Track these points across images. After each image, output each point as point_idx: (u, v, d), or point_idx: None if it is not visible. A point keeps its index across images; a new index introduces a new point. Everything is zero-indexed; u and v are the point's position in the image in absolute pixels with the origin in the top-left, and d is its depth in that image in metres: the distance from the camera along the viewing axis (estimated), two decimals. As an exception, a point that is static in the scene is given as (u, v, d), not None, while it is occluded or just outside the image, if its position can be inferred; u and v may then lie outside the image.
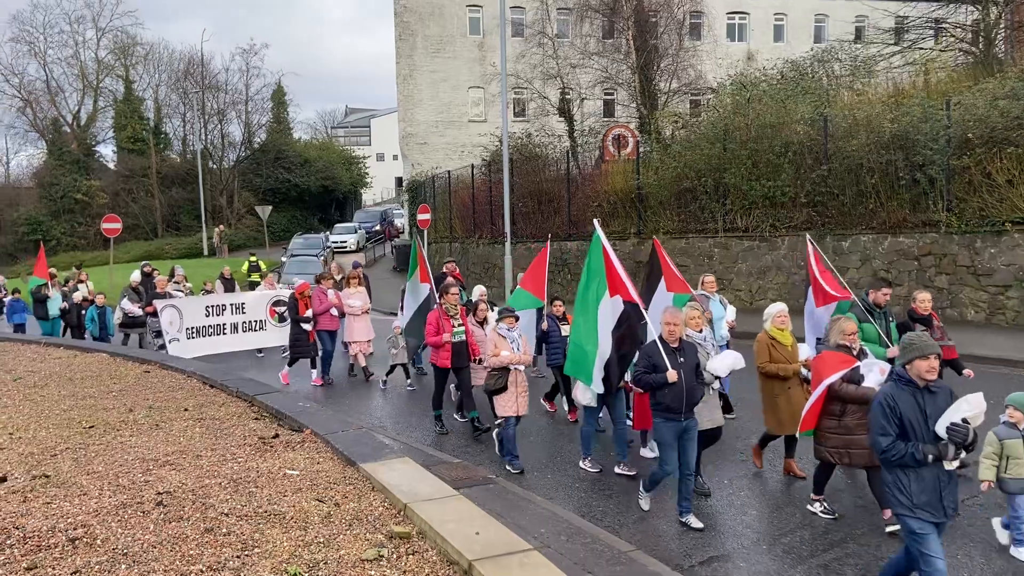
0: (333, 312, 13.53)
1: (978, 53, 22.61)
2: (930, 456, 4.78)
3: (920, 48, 24.11)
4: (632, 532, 6.81)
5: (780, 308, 8.04)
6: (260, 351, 16.25)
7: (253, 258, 28.40)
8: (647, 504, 7.20)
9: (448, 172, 31.68)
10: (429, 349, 10.59)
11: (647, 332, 7.59)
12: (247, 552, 5.03)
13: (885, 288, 8.76)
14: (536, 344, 10.95)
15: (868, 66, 23.69)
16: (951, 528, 5.96)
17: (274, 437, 7.93)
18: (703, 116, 23.89)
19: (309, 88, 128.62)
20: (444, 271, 13.99)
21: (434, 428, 10.28)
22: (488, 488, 7.54)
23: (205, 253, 46.68)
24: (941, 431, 4.76)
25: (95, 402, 9.74)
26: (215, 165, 55.93)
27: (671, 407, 6.78)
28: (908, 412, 4.87)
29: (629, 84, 30.42)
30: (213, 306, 15.14)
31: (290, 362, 13.57)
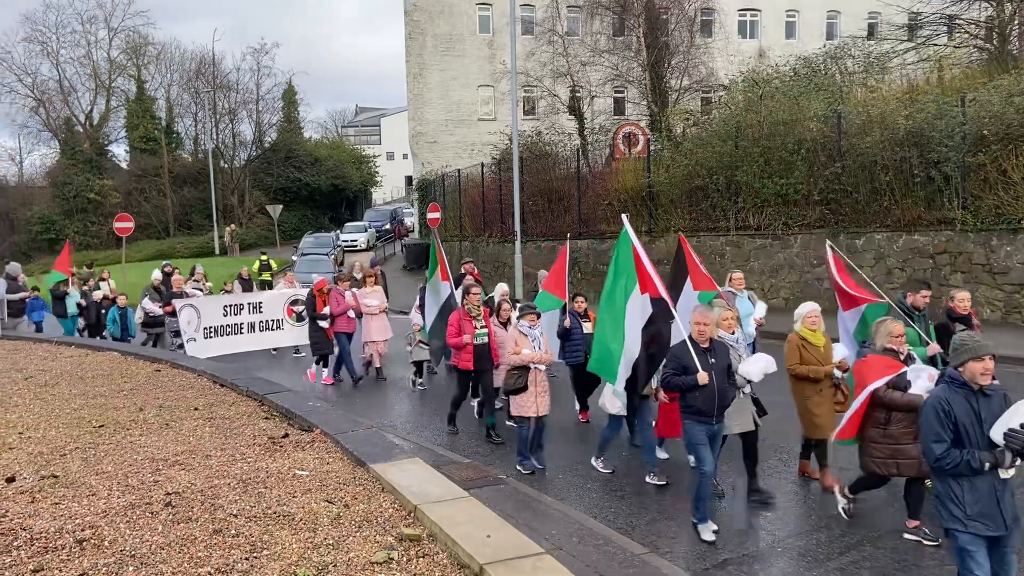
0: (351, 314, 13.33)
1: (992, 49, 22.40)
2: (987, 464, 4.51)
3: (934, 44, 23.91)
4: (645, 534, 6.73)
5: (811, 308, 7.72)
6: (275, 350, 16.20)
7: (264, 257, 28.43)
8: (709, 535, 6.47)
9: (458, 171, 31.62)
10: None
11: (676, 332, 7.31)
12: (256, 554, 4.98)
13: (925, 290, 8.46)
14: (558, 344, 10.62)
15: (882, 63, 23.50)
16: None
17: (284, 437, 7.88)
18: (715, 113, 23.75)
19: (319, 87, 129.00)
20: (463, 271, 13.79)
21: (446, 428, 10.14)
22: (499, 489, 7.48)
23: (216, 252, 46.80)
24: (997, 437, 4.49)
25: (105, 401, 9.72)
26: (226, 164, 56.05)
27: (702, 410, 6.54)
28: (962, 417, 4.60)
29: (640, 82, 30.28)
30: (231, 305, 15.10)
31: (317, 360, 13.50)
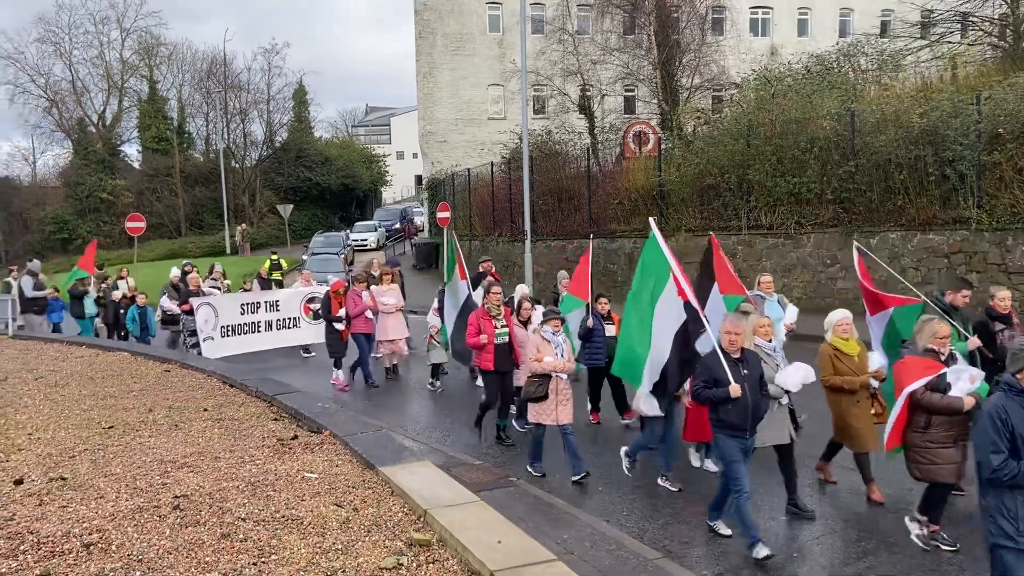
0: (368, 315, 13.09)
1: (1007, 47, 22.16)
2: None
3: (948, 42, 23.68)
4: (657, 538, 6.65)
5: (841, 316, 7.37)
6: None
7: (275, 256, 28.34)
8: (765, 552, 6.14)
9: (468, 170, 31.54)
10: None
11: (705, 340, 6.97)
12: (264, 559, 4.92)
13: (966, 290, 8.17)
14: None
15: (895, 60, 23.29)
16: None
17: (293, 439, 7.83)
18: (726, 112, 23.58)
19: (330, 87, 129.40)
20: (481, 269, 13.55)
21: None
22: (509, 491, 7.43)
23: (228, 251, 46.91)
24: None
25: (115, 402, 9.70)
26: (237, 164, 56.17)
27: (735, 424, 6.20)
28: (1020, 427, 4.44)
29: (650, 80, 30.10)
30: (247, 304, 15.03)
31: (335, 364, 13.28)
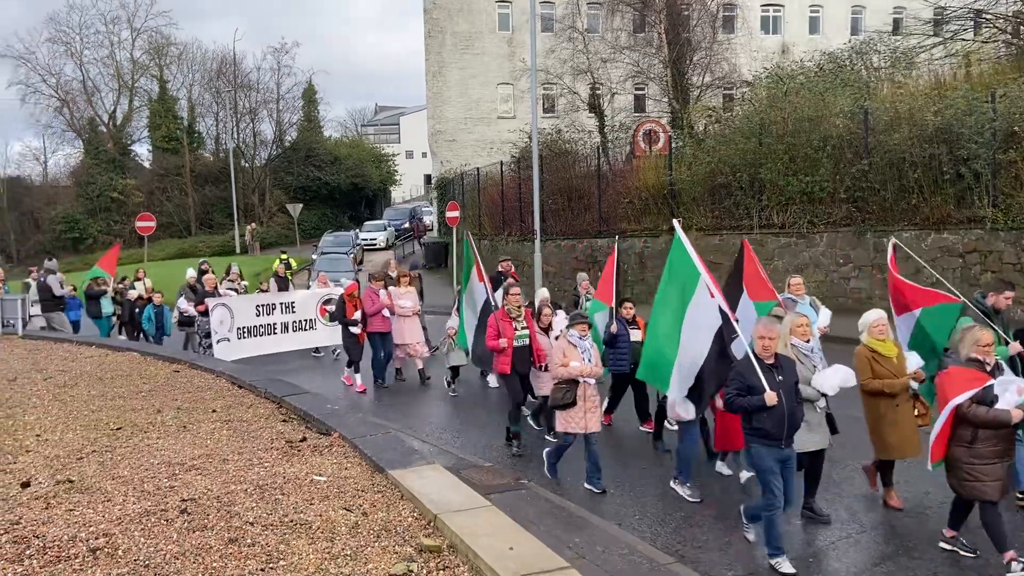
0: (385, 313, 12.86)
1: (1022, 44, 21.91)
2: None
3: (962, 39, 23.44)
4: (670, 542, 6.55)
5: (876, 316, 7.04)
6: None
7: (284, 255, 28.45)
8: (789, 568, 5.95)
9: (477, 169, 31.48)
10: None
11: (738, 347, 6.74)
12: (272, 565, 4.85)
13: (1009, 291, 7.80)
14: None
15: (908, 58, 23.08)
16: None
17: (301, 440, 7.77)
18: (738, 110, 23.43)
19: (339, 86, 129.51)
20: (500, 269, 13.26)
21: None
22: (520, 494, 7.33)
23: (237, 251, 47.01)
24: None
25: (124, 402, 9.66)
26: (247, 163, 56.30)
27: (771, 433, 5.93)
28: None
29: (661, 78, 29.98)
30: (263, 305, 14.88)
31: (348, 364, 13.13)
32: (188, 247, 48.30)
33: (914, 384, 6.99)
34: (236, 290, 16.58)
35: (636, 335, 9.45)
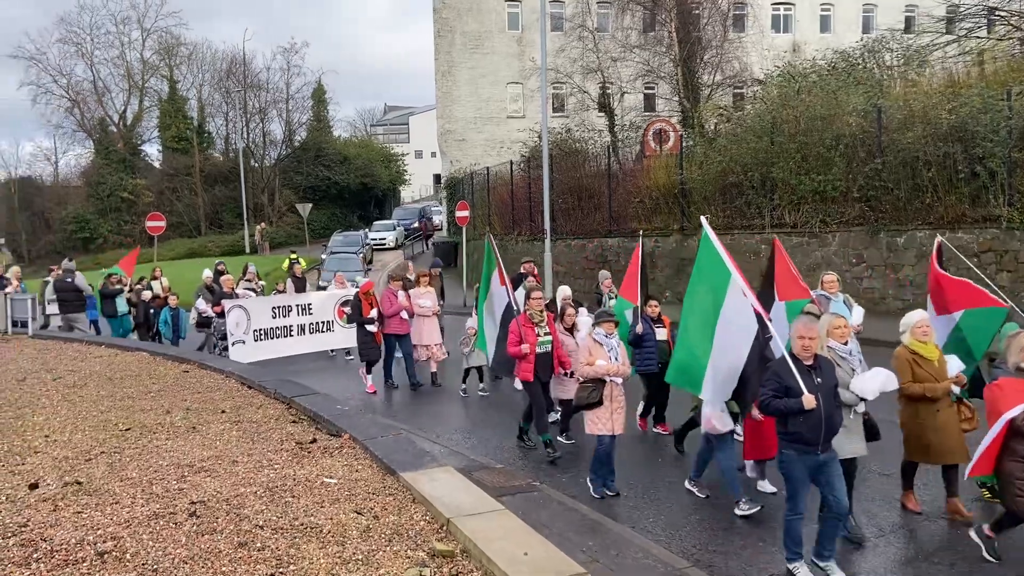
0: (404, 315, 12.65)
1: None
2: None
3: (977, 37, 23.23)
4: (686, 546, 6.44)
5: (920, 317, 6.79)
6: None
7: (293, 255, 28.43)
8: (806, 574, 5.81)
9: (487, 168, 31.42)
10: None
11: (775, 347, 6.51)
12: (282, 570, 4.77)
13: None
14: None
15: (922, 56, 22.89)
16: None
17: (312, 442, 7.70)
18: (749, 109, 23.30)
19: (349, 86, 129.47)
20: (522, 271, 12.92)
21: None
22: (532, 496, 7.24)
23: (247, 250, 47.07)
24: None
25: (133, 403, 9.62)
26: (257, 163, 56.35)
27: (807, 438, 5.66)
28: None
29: (671, 77, 29.85)
30: (279, 307, 14.67)
31: (367, 368, 12.90)
32: (198, 247, 48.42)
33: (955, 388, 6.75)
34: (254, 290, 16.44)
35: (662, 334, 9.24)
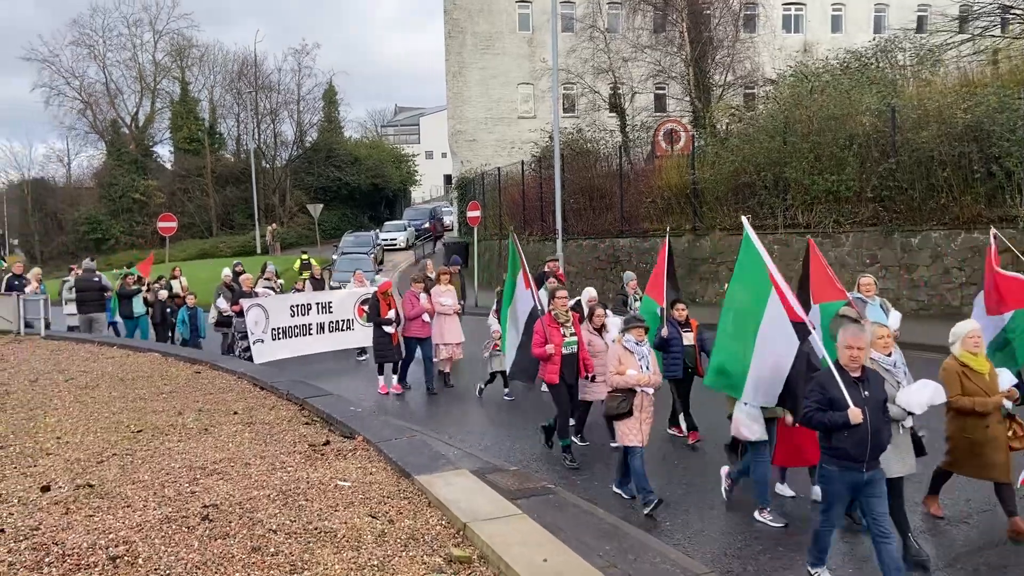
0: (425, 318, 12.43)
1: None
2: None
3: (991, 36, 23.05)
4: (704, 551, 6.34)
5: (972, 327, 6.47)
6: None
7: (305, 256, 28.45)
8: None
9: (498, 169, 31.35)
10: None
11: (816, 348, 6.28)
12: (296, 575, 4.70)
13: None
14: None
15: (935, 55, 22.71)
16: None
17: (325, 444, 7.64)
18: (761, 108, 23.15)
19: (359, 87, 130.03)
20: (546, 270, 12.77)
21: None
22: (548, 499, 7.14)
23: (258, 251, 47.17)
24: None
25: (145, 404, 9.58)
26: (268, 164, 56.54)
27: (852, 455, 5.29)
28: None
29: (682, 77, 29.76)
30: (298, 306, 14.57)
31: (379, 369, 12.77)
32: (209, 247, 48.58)
33: (1008, 403, 6.46)
34: (273, 289, 16.40)
35: (688, 338, 9.00)
